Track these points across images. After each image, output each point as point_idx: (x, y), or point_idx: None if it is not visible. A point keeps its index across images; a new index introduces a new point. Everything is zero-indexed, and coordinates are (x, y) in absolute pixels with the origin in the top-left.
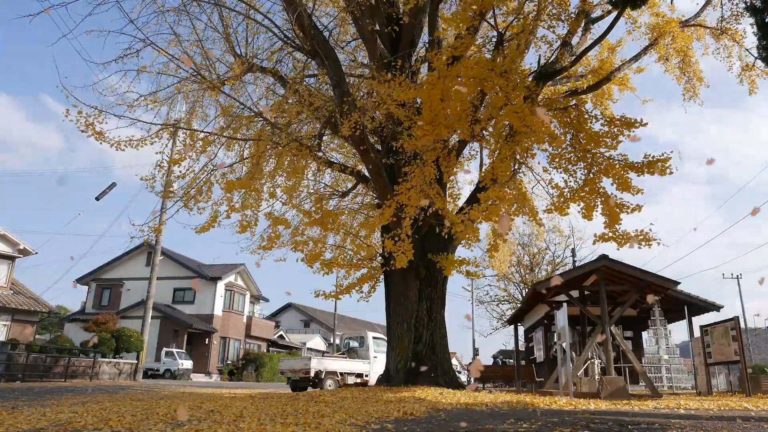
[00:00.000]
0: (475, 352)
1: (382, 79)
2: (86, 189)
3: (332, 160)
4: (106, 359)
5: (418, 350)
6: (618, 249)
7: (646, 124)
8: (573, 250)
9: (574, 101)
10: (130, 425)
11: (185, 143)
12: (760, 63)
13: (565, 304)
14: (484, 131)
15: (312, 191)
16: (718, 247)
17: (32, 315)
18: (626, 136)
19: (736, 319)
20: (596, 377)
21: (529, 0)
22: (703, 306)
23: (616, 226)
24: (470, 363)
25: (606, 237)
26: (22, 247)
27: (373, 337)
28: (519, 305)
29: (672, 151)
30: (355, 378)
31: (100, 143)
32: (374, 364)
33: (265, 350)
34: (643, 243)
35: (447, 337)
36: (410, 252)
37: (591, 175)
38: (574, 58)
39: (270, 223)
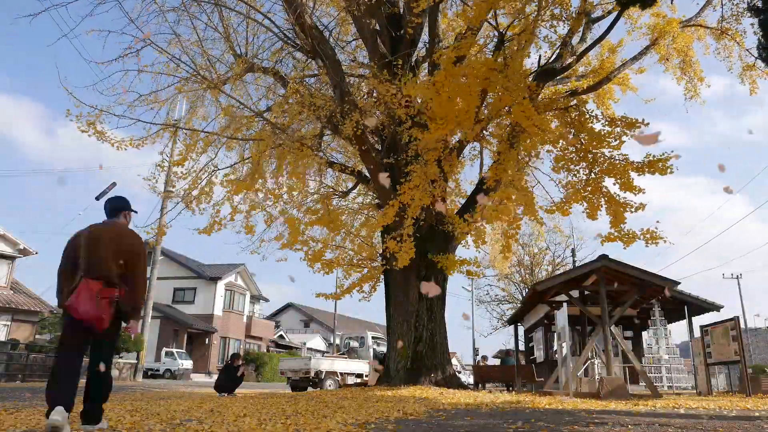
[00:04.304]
0: (476, 351)
1: (384, 78)
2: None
3: (333, 160)
4: None
5: (419, 350)
6: (625, 248)
7: (648, 123)
8: (573, 250)
9: (574, 101)
10: (130, 425)
11: (186, 144)
12: (760, 63)
13: (565, 304)
14: (484, 131)
15: (313, 191)
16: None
17: (32, 315)
18: (629, 136)
19: (736, 319)
20: (596, 377)
21: (531, 0)
22: (703, 306)
23: (621, 225)
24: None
25: (612, 237)
26: (22, 247)
27: (373, 337)
28: (519, 305)
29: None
30: (355, 378)
31: (102, 141)
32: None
33: (265, 350)
34: (650, 241)
35: (447, 337)
36: (412, 251)
37: (593, 175)
38: (574, 58)
39: (280, 220)
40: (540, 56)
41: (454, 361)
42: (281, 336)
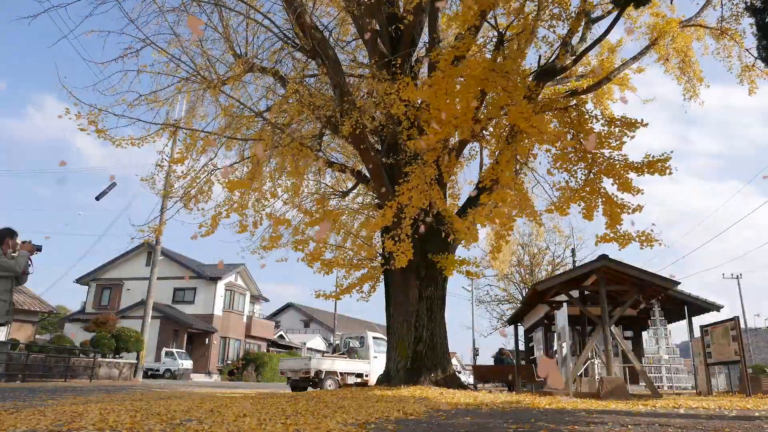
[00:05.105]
0: (476, 351)
1: (383, 78)
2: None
3: (332, 160)
4: (107, 359)
5: (419, 350)
6: (620, 249)
7: (647, 124)
8: (573, 250)
9: (574, 101)
10: (131, 425)
11: (186, 143)
12: (760, 63)
13: (565, 304)
14: (484, 131)
15: (312, 191)
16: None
17: (32, 315)
18: (629, 137)
19: (736, 319)
20: (596, 377)
21: (530, 0)
22: (703, 306)
23: (618, 226)
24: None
25: (607, 237)
26: None
27: (373, 337)
28: (519, 305)
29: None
30: (355, 378)
31: (102, 138)
32: (374, 364)
33: (265, 350)
34: (645, 243)
35: (447, 337)
36: (410, 252)
37: (591, 176)
38: (574, 58)
39: (271, 222)
40: (540, 56)
41: (454, 361)
42: (281, 336)
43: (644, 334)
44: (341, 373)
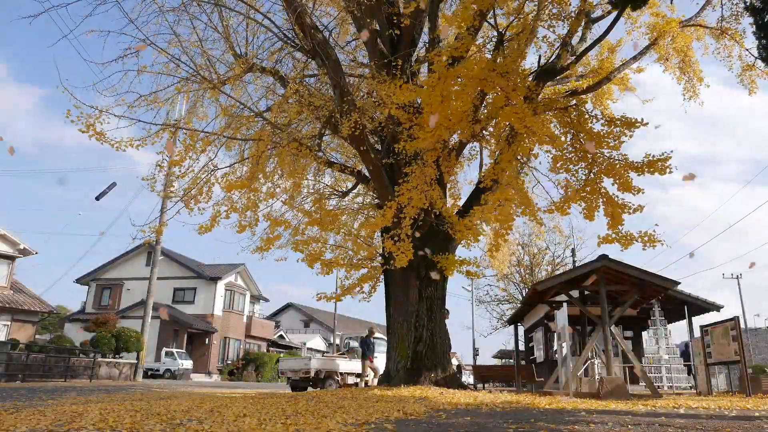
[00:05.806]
0: (476, 351)
1: (382, 79)
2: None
3: (332, 160)
4: (107, 359)
5: (419, 350)
6: (622, 250)
7: (647, 123)
8: (573, 250)
9: (574, 101)
10: (131, 425)
11: (185, 143)
12: (760, 63)
13: (565, 304)
14: (484, 131)
15: (312, 191)
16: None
17: (32, 315)
18: (628, 136)
19: (736, 319)
20: (596, 377)
21: (530, 0)
22: (703, 306)
23: (619, 227)
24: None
25: (609, 238)
26: (22, 247)
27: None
28: (519, 305)
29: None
30: (355, 378)
31: (101, 143)
32: (374, 364)
33: (265, 350)
34: (648, 244)
35: (447, 337)
36: (410, 252)
37: (592, 176)
38: (574, 58)
39: (269, 224)
40: (540, 56)
41: (454, 361)
42: (281, 336)
43: (644, 334)
44: (341, 373)
